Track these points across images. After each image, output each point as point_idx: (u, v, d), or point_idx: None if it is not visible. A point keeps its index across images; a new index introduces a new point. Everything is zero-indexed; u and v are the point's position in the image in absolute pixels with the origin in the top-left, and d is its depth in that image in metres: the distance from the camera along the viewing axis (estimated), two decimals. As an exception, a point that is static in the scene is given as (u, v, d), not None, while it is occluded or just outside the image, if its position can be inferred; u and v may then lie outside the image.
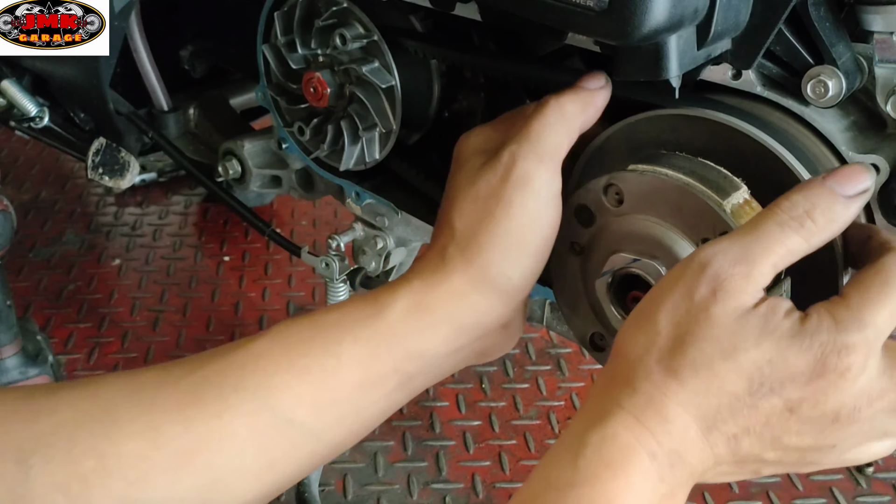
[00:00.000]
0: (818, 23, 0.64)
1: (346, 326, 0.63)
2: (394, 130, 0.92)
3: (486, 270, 0.63)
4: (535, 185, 0.62)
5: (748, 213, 0.61)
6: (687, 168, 0.63)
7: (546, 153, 0.63)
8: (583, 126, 0.66)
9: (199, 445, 0.59)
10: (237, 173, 1.21)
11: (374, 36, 0.88)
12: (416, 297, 0.63)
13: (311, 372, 0.62)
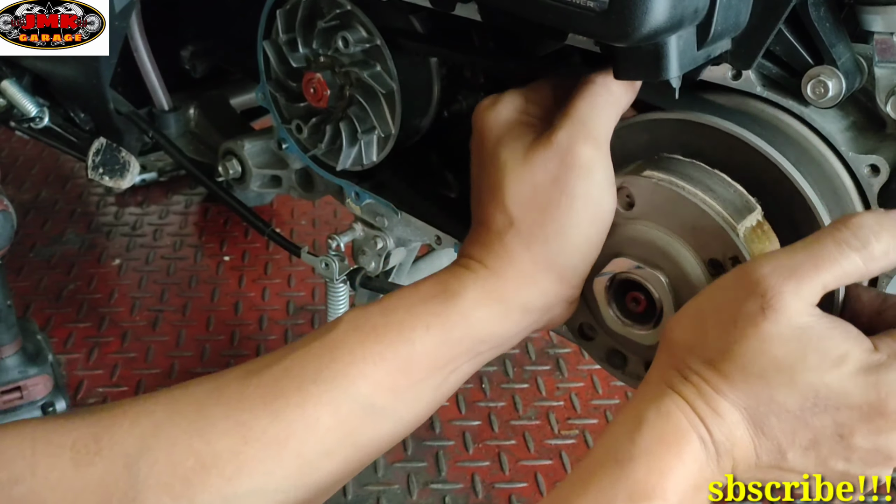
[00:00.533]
0: (818, 23, 0.64)
1: (418, 314, 0.65)
2: (392, 135, 0.92)
3: (552, 260, 0.64)
4: (597, 175, 0.63)
5: (759, 237, 0.60)
6: (704, 184, 0.62)
7: (601, 138, 0.63)
8: (626, 106, 0.66)
9: (287, 435, 0.62)
10: (237, 173, 1.21)
11: (376, 41, 0.88)
12: (485, 284, 0.65)
13: (387, 359, 0.64)
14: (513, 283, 0.65)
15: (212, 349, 1.58)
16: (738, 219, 0.60)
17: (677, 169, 0.64)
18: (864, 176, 0.67)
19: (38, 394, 1.35)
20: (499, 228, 0.66)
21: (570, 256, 0.64)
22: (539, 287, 0.65)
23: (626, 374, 0.75)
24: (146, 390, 1.47)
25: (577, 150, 0.62)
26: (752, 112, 0.69)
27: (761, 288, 0.53)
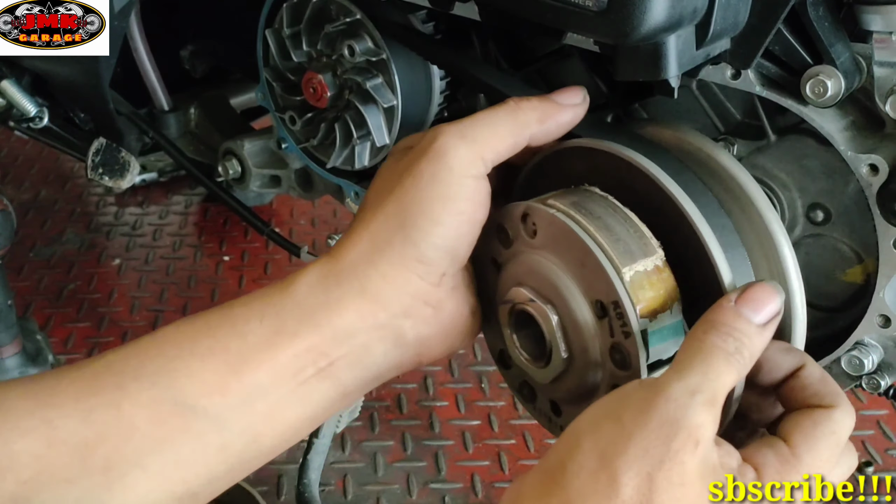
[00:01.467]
0: (817, 22, 0.64)
1: (254, 307, 0.60)
2: (388, 145, 0.92)
3: (391, 239, 0.59)
4: (450, 160, 0.58)
5: (653, 283, 0.55)
6: (603, 220, 0.57)
7: (471, 136, 0.60)
8: (535, 137, 0.62)
9: (98, 438, 0.55)
10: (237, 173, 1.21)
11: (383, 54, 0.88)
12: (322, 269, 0.60)
13: (215, 354, 0.58)
14: (349, 265, 0.59)
15: (212, 349, 1.58)
16: (627, 262, 0.55)
17: (583, 201, 0.60)
18: (864, 175, 0.67)
19: (38, 394, 1.35)
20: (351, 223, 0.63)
21: (411, 234, 0.59)
22: (377, 269, 0.59)
23: (535, 409, 0.70)
24: (146, 390, 1.47)
25: (437, 139, 0.59)
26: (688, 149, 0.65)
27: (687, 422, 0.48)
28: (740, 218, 0.58)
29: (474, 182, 0.59)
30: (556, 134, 0.62)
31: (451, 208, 0.59)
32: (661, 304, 0.55)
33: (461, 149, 0.59)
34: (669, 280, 0.55)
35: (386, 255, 0.59)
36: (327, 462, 1.23)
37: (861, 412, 1.45)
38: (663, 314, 0.55)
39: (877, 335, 0.73)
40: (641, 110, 0.84)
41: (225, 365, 0.58)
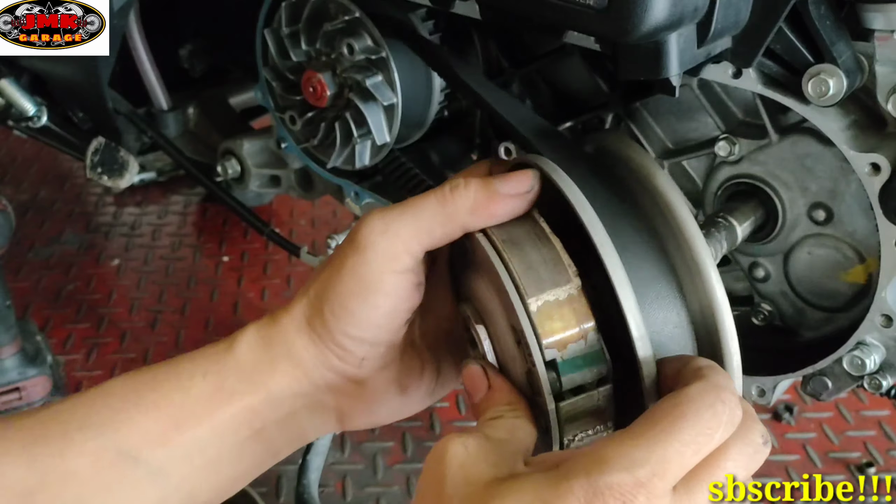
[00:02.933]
0: (818, 21, 0.64)
1: (199, 363, 0.61)
2: (388, 144, 0.92)
3: (312, 318, 0.60)
4: (369, 255, 0.58)
5: (563, 314, 0.52)
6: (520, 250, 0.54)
7: (394, 230, 0.58)
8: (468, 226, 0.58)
9: (41, 486, 0.56)
10: (236, 173, 1.21)
11: (382, 52, 0.88)
12: (261, 331, 0.62)
13: (160, 407, 0.59)
14: (282, 331, 0.61)
15: (211, 349, 1.57)
16: (535, 292, 0.52)
17: (514, 227, 0.57)
18: (865, 174, 0.67)
19: (37, 395, 1.35)
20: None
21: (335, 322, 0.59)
22: (304, 340, 0.60)
23: None
24: (145, 391, 1.47)
25: (360, 229, 0.59)
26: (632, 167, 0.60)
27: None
28: (672, 244, 0.55)
29: (395, 277, 0.58)
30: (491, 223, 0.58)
31: (367, 303, 0.58)
32: (572, 333, 0.53)
33: (382, 244, 0.58)
34: (583, 308, 0.53)
35: (308, 331, 0.61)
36: (327, 463, 1.22)
37: (862, 412, 1.45)
38: (575, 344, 0.53)
39: (878, 335, 0.72)
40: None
41: (168, 418, 0.59)
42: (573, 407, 0.53)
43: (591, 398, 0.54)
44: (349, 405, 0.63)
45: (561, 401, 0.53)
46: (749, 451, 0.47)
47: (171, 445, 0.59)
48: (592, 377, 0.53)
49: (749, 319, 0.85)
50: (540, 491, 0.45)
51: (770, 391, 0.80)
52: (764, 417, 1.43)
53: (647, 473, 0.44)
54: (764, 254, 0.82)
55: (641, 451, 0.45)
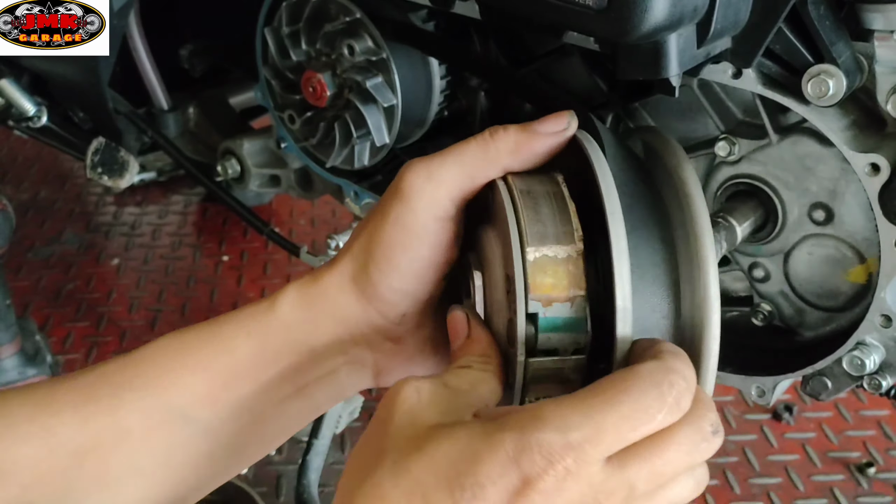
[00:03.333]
0: (818, 21, 0.64)
1: (242, 322, 0.62)
2: (388, 145, 0.92)
3: (355, 275, 0.61)
4: (414, 204, 0.58)
5: (557, 272, 0.52)
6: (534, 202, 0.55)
7: (438, 175, 0.58)
8: (511, 168, 0.59)
9: (94, 444, 0.58)
10: (236, 172, 1.21)
11: (383, 54, 0.88)
12: (302, 289, 0.62)
13: (207, 368, 0.61)
14: (323, 290, 0.62)
15: (211, 349, 1.57)
16: (536, 243, 0.52)
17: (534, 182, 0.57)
18: (865, 175, 0.67)
19: (37, 394, 1.34)
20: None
21: (374, 274, 0.60)
22: (345, 297, 0.61)
23: None
24: (145, 390, 1.47)
25: (404, 178, 0.59)
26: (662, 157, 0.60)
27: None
28: (680, 235, 0.55)
29: (437, 225, 0.58)
30: (533, 164, 0.59)
31: (411, 254, 0.59)
32: (561, 293, 0.52)
33: (426, 191, 0.58)
34: (578, 274, 0.52)
35: (352, 288, 0.61)
36: (327, 463, 1.22)
37: (862, 412, 1.45)
38: (560, 305, 0.52)
39: (878, 335, 0.72)
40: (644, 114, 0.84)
41: (215, 378, 0.60)
42: (542, 366, 0.53)
43: (561, 363, 0.53)
44: (386, 362, 0.64)
45: (532, 356, 0.53)
46: (696, 439, 0.47)
47: (220, 404, 0.60)
48: (569, 343, 0.53)
49: (749, 319, 0.85)
50: (473, 439, 0.45)
51: (770, 391, 0.80)
52: (764, 417, 1.43)
53: (579, 438, 0.44)
54: (764, 254, 0.82)
55: (578, 416, 0.45)
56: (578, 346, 0.53)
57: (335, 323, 0.62)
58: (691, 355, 0.51)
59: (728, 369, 0.82)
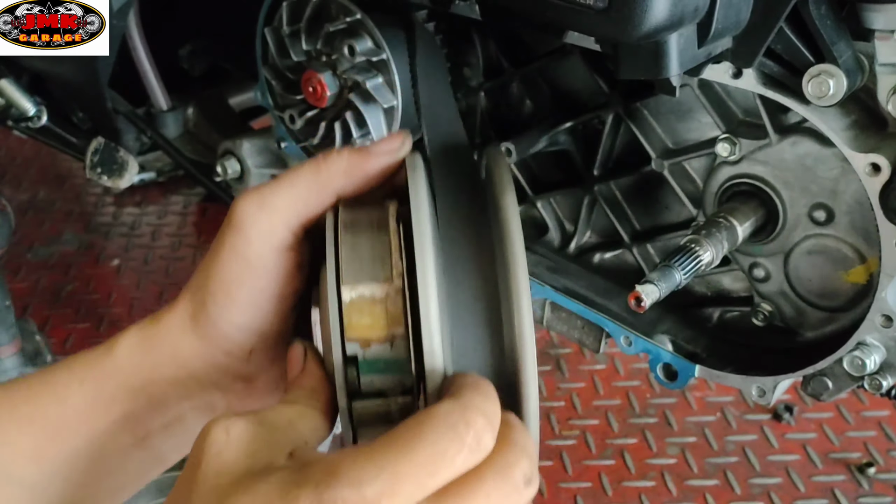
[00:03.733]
0: (819, 21, 0.64)
1: (75, 368, 0.58)
2: None
3: (196, 314, 0.58)
4: (248, 233, 0.55)
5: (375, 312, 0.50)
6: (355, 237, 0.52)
7: (271, 203, 0.56)
8: (344, 190, 0.56)
9: None
10: (236, 172, 1.21)
11: (383, 54, 0.87)
12: (142, 332, 0.59)
13: (35, 420, 0.56)
14: (165, 333, 0.58)
15: (211, 349, 1.57)
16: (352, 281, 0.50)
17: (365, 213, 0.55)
18: (866, 175, 0.67)
19: (37, 394, 1.34)
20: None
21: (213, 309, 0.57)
22: (188, 342, 0.57)
23: None
24: (145, 391, 1.47)
25: (236, 208, 0.56)
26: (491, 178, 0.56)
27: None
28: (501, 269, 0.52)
29: (275, 255, 0.55)
30: (367, 184, 0.57)
31: (250, 286, 0.56)
32: (379, 334, 0.50)
33: (260, 219, 0.55)
34: (397, 313, 0.50)
35: (192, 328, 0.58)
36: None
37: (863, 413, 1.45)
38: (379, 346, 0.50)
39: (879, 335, 0.72)
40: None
41: (42, 431, 0.56)
42: (366, 410, 0.50)
43: (386, 405, 0.51)
44: (240, 404, 0.60)
45: (356, 399, 0.50)
46: (505, 490, 0.43)
47: (46, 460, 0.56)
48: (394, 384, 0.50)
49: (749, 319, 0.85)
50: (270, 496, 0.42)
51: (770, 391, 0.80)
52: (764, 417, 1.43)
53: (375, 492, 0.41)
54: (764, 254, 0.82)
55: (372, 468, 0.42)
56: (404, 386, 0.50)
57: (176, 366, 0.58)
58: (513, 393, 0.49)
59: (728, 369, 0.83)
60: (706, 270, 0.76)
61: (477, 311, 0.51)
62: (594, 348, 0.91)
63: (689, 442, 1.38)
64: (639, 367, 1.53)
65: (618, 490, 1.30)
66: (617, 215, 0.91)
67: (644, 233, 0.92)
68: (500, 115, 0.98)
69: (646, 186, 0.90)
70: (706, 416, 1.44)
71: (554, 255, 0.97)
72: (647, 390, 1.49)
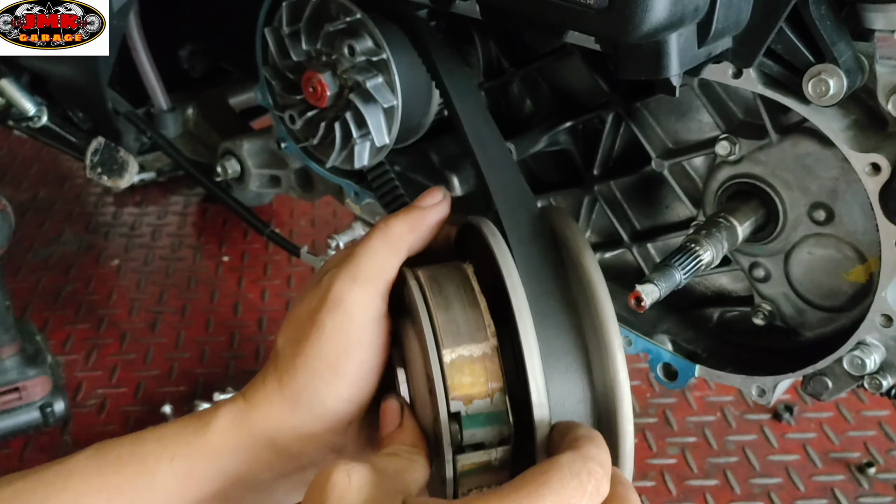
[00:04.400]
0: (819, 21, 0.64)
1: (167, 443, 0.59)
2: (388, 145, 0.92)
3: (299, 394, 0.59)
4: (349, 309, 0.58)
5: (474, 370, 0.54)
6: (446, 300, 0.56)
7: (362, 276, 0.59)
8: (413, 246, 0.61)
9: None
10: (236, 173, 1.21)
11: (383, 54, 0.88)
12: (237, 415, 0.60)
13: (123, 492, 0.57)
14: (261, 416, 0.59)
15: (211, 350, 1.57)
16: (452, 344, 0.54)
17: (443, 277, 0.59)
18: (866, 174, 0.67)
19: (37, 395, 1.34)
20: (268, 364, 0.63)
21: (318, 390, 0.59)
22: (288, 422, 0.59)
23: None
24: (145, 392, 1.47)
25: (332, 287, 0.59)
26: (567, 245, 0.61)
27: None
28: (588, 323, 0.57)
29: (374, 325, 0.59)
30: (431, 235, 0.62)
31: (355, 359, 0.59)
32: (480, 390, 0.54)
33: (357, 293, 0.59)
34: (494, 369, 0.55)
35: (295, 411, 0.60)
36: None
37: (863, 413, 1.45)
38: (481, 401, 0.54)
39: (879, 335, 0.72)
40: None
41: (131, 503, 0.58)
42: (470, 462, 0.54)
43: (488, 455, 0.55)
44: None
45: (459, 453, 0.54)
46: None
47: None
48: (494, 436, 0.55)
49: (749, 319, 0.85)
50: None
51: (770, 391, 0.80)
52: (764, 417, 1.43)
53: None
54: (764, 254, 0.82)
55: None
56: (503, 436, 0.55)
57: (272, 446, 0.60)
58: (608, 435, 0.53)
59: (728, 369, 0.83)
60: (706, 270, 0.76)
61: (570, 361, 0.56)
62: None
63: (689, 442, 1.38)
64: (639, 366, 1.53)
65: (618, 490, 1.30)
66: (617, 215, 0.92)
67: (644, 232, 0.92)
68: (500, 114, 0.98)
69: (646, 186, 0.90)
70: (706, 415, 1.44)
71: (554, 255, 0.97)
72: (647, 390, 1.50)
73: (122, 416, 1.42)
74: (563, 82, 0.93)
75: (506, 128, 0.98)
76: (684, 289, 0.77)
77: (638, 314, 0.79)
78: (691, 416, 1.43)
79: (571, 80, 0.92)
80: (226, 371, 1.52)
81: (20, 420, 1.33)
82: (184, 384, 1.49)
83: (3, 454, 1.33)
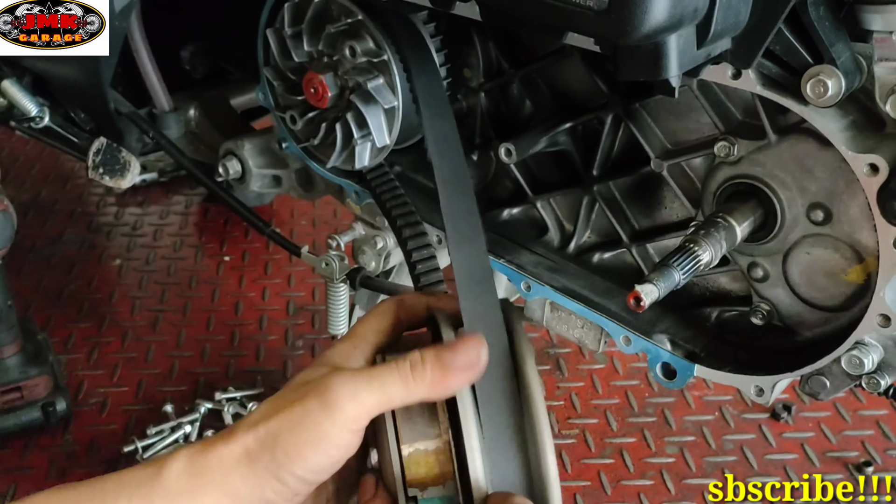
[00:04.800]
0: (817, 22, 0.65)
1: (124, 485, 0.62)
2: (388, 146, 0.93)
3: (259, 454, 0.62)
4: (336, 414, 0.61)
5: (429, 461, 0.63)
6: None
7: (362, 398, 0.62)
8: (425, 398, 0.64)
9: None
10: (237, 173, 1.21)
11: (384, 55, 0.88)
12: (193, 458, 0.62)
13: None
14: (217, 460, 0.62)
15: (212, 349, 1.58)
16: (409, 440, 0.63)
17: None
18: (864, 175, 0.67)
19: (39, 394, 1.35)
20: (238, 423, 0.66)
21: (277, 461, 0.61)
22: (242, 470, 0.62)
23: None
24: (146, 390, 1.48)
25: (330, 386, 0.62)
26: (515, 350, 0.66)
27: None
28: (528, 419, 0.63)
29: (352, 435, 0.62)
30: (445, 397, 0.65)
31: (322, 452, 0.62)
32: (434, 478, 0.63)
33: (349, 407, 0.62)
34: (446, 461, 0.63)
35: (249, 466, 0.62)
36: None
37: (861, 412, 1.45)
38: (434, 487, 0.63)
39: (877, 335, 0.73)
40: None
41: None
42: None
43: None
44: None
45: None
46: None
47: None
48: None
49: (748, 319, 0.86)
50: None
51: (768, 390, 0.80)
52: (762, 417, 1.44)
53: None
54: (763, 254, 0.82)
55: None
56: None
57: (223, 494, 0.62)
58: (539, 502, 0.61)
59: (727, 368, 0.83)
60: (705, 270, 0.77)
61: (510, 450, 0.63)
62: (593, 348, 0.92)
63: (687, 441, 1.39)
64: (638, 366, 1.54)
65: (617, 489, 1.30)
66: (616, 215, 0.92)
67: (643, 233, 0.92)
68: (500, 115, 0.99)
69: (645, 187, 0.91)
70: (705, 415, 1.44)
71: (553, 255, 0.97)
72: (645, 389, 1.50)
73: (123, 414, 1.42)
74: (563, 83, 0.93)
75: (506, 128, 0.99)
76: (683, 289, 0.77)
77: (637, 314, 0.79)
78: (690, 416, 1.44)
79: (571, 81, 0.92)
80: (226, 370, 1.53)
81: (21, 419, 1.33)
82: (185, 383, 1.49)
83: (4, 453, 1.34)
